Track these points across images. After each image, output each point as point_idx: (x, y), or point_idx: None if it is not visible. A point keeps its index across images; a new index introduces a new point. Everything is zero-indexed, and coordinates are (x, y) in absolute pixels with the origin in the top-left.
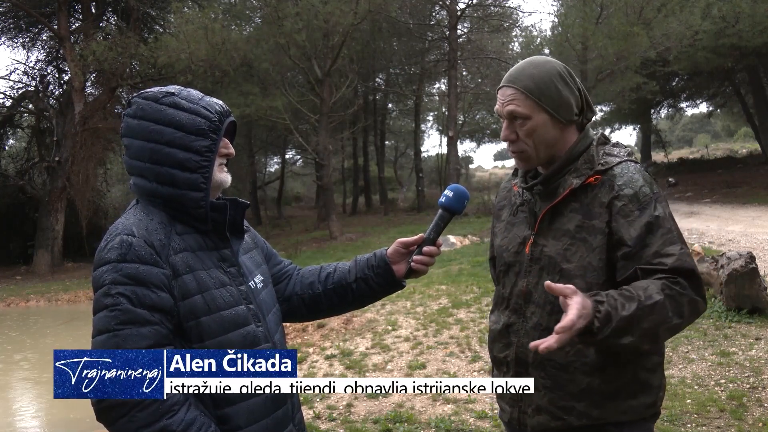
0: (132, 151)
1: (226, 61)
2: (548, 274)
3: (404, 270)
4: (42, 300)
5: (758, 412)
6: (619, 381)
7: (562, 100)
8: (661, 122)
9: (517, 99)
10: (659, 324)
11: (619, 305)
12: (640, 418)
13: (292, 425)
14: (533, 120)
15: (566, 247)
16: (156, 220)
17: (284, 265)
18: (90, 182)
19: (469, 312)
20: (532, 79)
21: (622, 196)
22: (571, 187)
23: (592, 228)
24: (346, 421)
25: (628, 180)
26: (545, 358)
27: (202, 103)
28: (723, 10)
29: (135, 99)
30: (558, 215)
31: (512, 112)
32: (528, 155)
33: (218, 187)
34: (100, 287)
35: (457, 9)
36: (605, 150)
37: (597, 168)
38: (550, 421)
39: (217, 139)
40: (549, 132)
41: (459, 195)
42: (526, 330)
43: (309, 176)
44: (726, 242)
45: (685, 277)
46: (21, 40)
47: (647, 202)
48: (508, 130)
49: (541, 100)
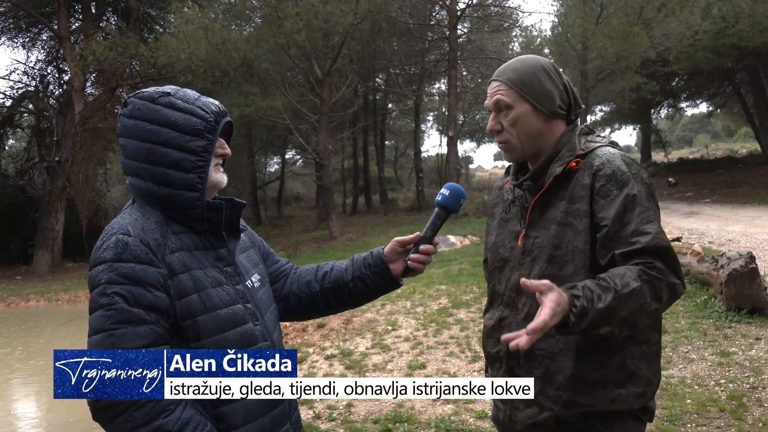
0: (128, 151)
1: (226, 61)
2: (539, 263)
3: (401, 269)
4: (42, 300)
5: (758, 412)
6: (607, 369)
7: (543, 91)
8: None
9: (501, 90)
10: (637, 311)
11: (595, 297)
12: (629, 408)
13: (288, 424)
14: (516, 110)
15: (555, 234)
16: (152, 219)
17: (281, 264)
18: (90, 182)
19: (469, 312)
20: (515, 71)
21: (600, 176)
22: (554, 174)
23: (577, 212)
24: (346, 421)
25: (606, 160)
26: (536, 348)
27: (198, 103)
28: (723, 10)
29: (131, 99)
30: (548, 206)
31: (497, 102)
32: (512, 145)
33: (214, 187)
34: (95, 286)
35: (457, 9)
36: (587, 138)
37: (578, 152)
38: (538, 414)
39: (213, 139)
40: (532, 123)
41: (455, 193)
42: (518, 322)
43: (309, 176)
44: (726, 242)
45: (661, 257)
46: (21, 40)
47: (625, 180)
48: (493, 121)
49: (523, 90)
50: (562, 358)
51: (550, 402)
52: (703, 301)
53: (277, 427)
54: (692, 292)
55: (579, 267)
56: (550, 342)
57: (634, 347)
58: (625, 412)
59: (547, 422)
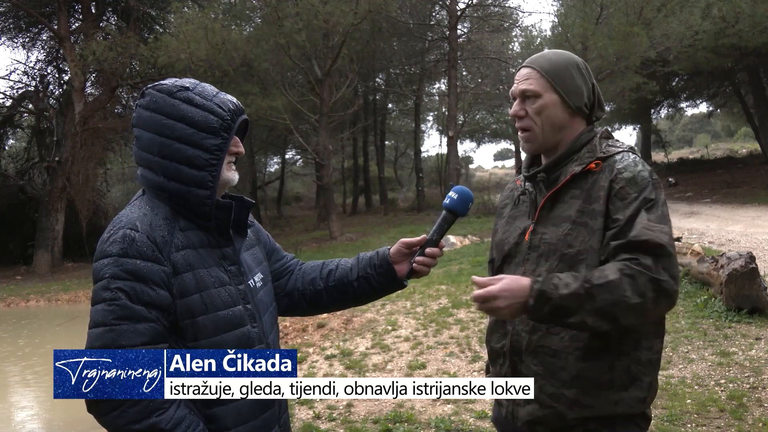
0: (142, 143)
1: (226, 61)
2: (547, 260)
3: (406, 270)
4: (42, 300)
5: (758, 412)
6: (612, 372)
7: (574, 85)
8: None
9: (532, 77)
10: (614, 303)
11: (561, 285)
12: (631, 413)
13: (277, 427)
14: (543, 98)
15: (567, 232)
16: (160, 215)
17: (287, 260)
18: (90, 182)
19: (469, 312)
20: (549, 62)
21: (620, 179)
22: (573, 173)
23: (593, 212)
24: (346, 421)
25: (627, 165)
26: (539, 344)
27: (216, 100)
28: (723, 10)
29: (149, 90)
30: (558, 202)
31: (525, 91)
32: (534, 134)
33: (225, 186)
34: (99, 279)
35: (457, 9)
36: (608, 143)
37: (599, 155)
38: (539, 410)
39: (228, 137)
40: (558, 114)
41: (464, 197)
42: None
43: (309, 176)
44: (726, 242)
45: (651, 253)
46: (21, 40)
47: (645, 185)
48: (518, 106)
49: (555, 81)
50: (567, 356)
51: (551, 399)
52: (703, 301)
53: (267, 429)
54: (692, 292)
55: (591, 267)
56: (553, 339)
57: (639, 352)
58: (627, 416)
59: (547, 419)
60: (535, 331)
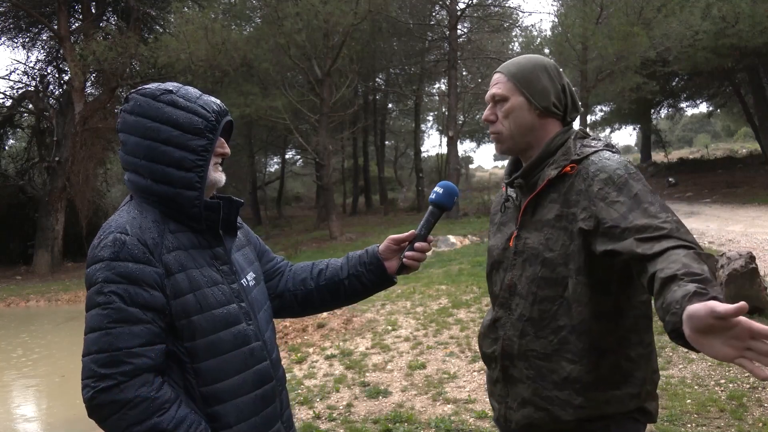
0: (128, 147)
1: (226, 61)
2: (531, 265)
3: (396, 266)
4: (42, 300)
5: (758, 412)
6: (601, 370)
7: (540, 86)
8: (661, 122)
9: (500, 82)
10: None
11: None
12: (625, 410)
13: (279, 423)
14: (510, 101)
15: (548, 237)
16: (150, 218)
17: (277, 262)
18: (90, 182)
19: (469, 312)
20: (517, 66)
21: (597, 181)
22: (549, 177)
23: (572, 216)
24: (346, 421)
25: (601, 165)
26: (528, 348)
27: (199, 101)
28: (723, 10)
29: (132, 95)
30: (539, 207)
31: (494, 95)
32: (503, 137)
33: (213, 186)
34: (93, 285)
35: (457, 9)
36: (583, 143)
37: (573, 157)
38: (533, 413)
39: (214, 138)
40: (525, 116)
41: (448, 191)
42: (512, 322)
43: (309, 176)
44: (726, 242)
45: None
46: (21, 40)
47: (622, 182)
48: (489, 111)
49: (520, 83)
50: (557, 359)
51: (544, 402)
52: None
53: (269, 425)
54: None
55: (572, 270)
56: (542, 343)
57: (628, 349)
58: (620, 414)
59: (541, 422)
60: (524, 335)
